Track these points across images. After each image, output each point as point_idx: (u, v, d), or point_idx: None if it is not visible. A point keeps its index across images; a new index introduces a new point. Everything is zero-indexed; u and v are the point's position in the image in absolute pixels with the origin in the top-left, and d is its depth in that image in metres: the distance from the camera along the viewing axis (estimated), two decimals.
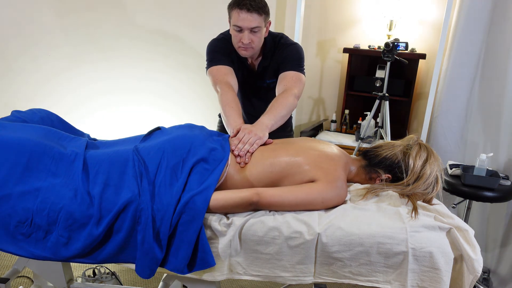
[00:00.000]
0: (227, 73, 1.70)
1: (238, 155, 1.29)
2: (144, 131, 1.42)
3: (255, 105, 1.93)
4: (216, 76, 1.69)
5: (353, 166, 1.38)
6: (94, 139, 1.48)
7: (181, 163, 1.20)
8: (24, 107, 1.53)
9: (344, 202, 1.25)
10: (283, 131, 1.84)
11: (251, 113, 1.93)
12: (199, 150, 1.24)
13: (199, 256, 1.11)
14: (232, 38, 1.68)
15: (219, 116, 2.02)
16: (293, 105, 1.60)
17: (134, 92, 3.12)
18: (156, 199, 1.13)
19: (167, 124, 1.47)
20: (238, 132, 1.40)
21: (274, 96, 1.73)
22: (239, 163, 1.28)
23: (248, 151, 1.30)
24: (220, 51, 1.75)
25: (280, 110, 1.54)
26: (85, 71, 3.05)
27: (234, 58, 1.77)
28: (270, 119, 1.49)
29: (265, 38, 1.73)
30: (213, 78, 1.71)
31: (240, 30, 1.61)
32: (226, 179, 1.25)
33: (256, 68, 1.82)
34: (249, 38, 1.62)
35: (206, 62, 1.79)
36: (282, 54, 1.75)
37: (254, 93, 1.90)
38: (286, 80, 1.68)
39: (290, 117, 1.97)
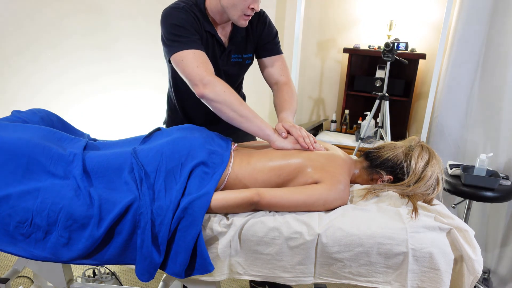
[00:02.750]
0: (208, 62, 1.36)
1: (312, 148, 1.31)
2: (145, 128, 1.42)
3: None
4: (198, 64, 1.33)
5: (356, 169, 1.37)
6: (94, 139, 1.47)
7: (180, 166, 1.19)
8: (24, 107, 1.53)
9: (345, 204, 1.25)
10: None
11: None
12: (198, 153, 1.23)
13: (198, 262, 1.11)
14: (235, 5, 1.36)
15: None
16: None
17: (134, 91, 3.12)
18: (155, 204, 1.12)
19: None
20: (288, 132, 1.35)
21: (240, 75, 1.66)
22: (321, 149, 1.31)
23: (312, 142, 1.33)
24: (187, 26, 1.37)
25: (295, 105, 1.51)
26: (85, 70, 3.06)
27: (202, 32, 1.44)
28: (291, 116, 1.46)
29: None
30: (191, 65, 1.33)
31: None
32: (228, 183, 1.24)
33: (227, 40, 1.52)
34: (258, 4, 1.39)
35: (166, 40, 1.38)
36: (262, 29, 1.55)
37: (227, 72, 1.56)
38: (279, 67, 1.59)
39: None
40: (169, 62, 1.43)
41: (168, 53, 1.39)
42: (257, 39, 1.57)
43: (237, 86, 1.70)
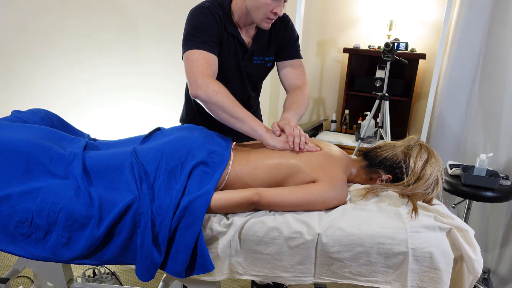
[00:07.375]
0: (211, 63, 1.39)
1: (302, 148, 1.28)
2: (145, 129, 1.42)
3: (246, 88, 1.64)
4: (198, 64, 1.36)
5: (353, 167, 1.38)
6: (94, 139, 1.48)
7: (180, 166, 1.20)
8: (24, 107, 1.53)
9: (344, 202, 1.25)
10: None
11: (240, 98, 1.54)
12: (198, 153, 1.23)
13: (198, 261, 1.11)
14: (258, 8, 1.38)
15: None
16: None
17: (134, 90, 3.12)
18: (155, 203, 1.12)
19: (169, 122, 1.44)
20: (282, 130, 1.34)
21: (261, 77, 1.67)
22: (314, 151, 1.28)
23: (305, 142, 1.30)
24: (205, 28, 1.41)
25: (302, 108, 1.48)
26: (84, 70, 3.06)
27: (223, 33, 1.47)
28: (295, 118, 1.44)
29: None
30: (192, 65, 1.36)
31: None
32: (228, 181, 1.24)
33: (250, 43, 1.55)
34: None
35: (183, 40, 1.43)
36: (284, 33, 1.57)
37: (249, 73, 1.60)
38: (295, 71, 1.59)
39: (259, 109, 1.88)
40: None
41: (183, 49, 1.42)
42: (279, 43, 1.59)
43: (257, 88, 1.72)
